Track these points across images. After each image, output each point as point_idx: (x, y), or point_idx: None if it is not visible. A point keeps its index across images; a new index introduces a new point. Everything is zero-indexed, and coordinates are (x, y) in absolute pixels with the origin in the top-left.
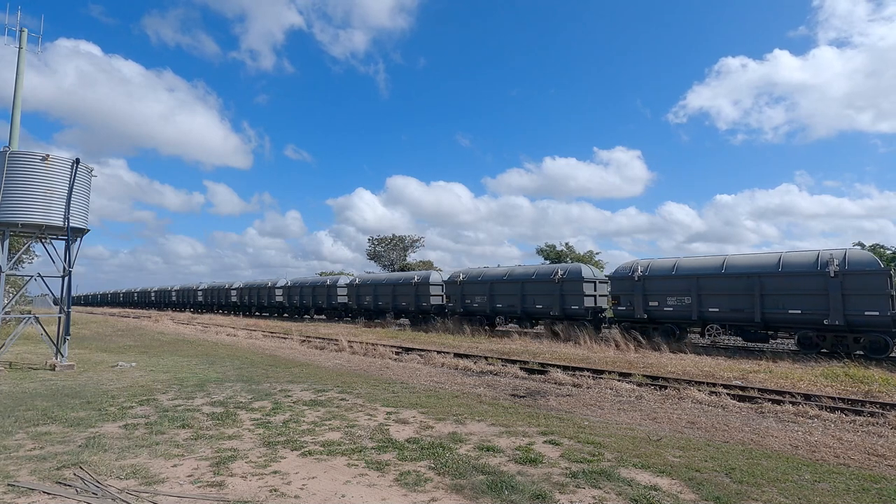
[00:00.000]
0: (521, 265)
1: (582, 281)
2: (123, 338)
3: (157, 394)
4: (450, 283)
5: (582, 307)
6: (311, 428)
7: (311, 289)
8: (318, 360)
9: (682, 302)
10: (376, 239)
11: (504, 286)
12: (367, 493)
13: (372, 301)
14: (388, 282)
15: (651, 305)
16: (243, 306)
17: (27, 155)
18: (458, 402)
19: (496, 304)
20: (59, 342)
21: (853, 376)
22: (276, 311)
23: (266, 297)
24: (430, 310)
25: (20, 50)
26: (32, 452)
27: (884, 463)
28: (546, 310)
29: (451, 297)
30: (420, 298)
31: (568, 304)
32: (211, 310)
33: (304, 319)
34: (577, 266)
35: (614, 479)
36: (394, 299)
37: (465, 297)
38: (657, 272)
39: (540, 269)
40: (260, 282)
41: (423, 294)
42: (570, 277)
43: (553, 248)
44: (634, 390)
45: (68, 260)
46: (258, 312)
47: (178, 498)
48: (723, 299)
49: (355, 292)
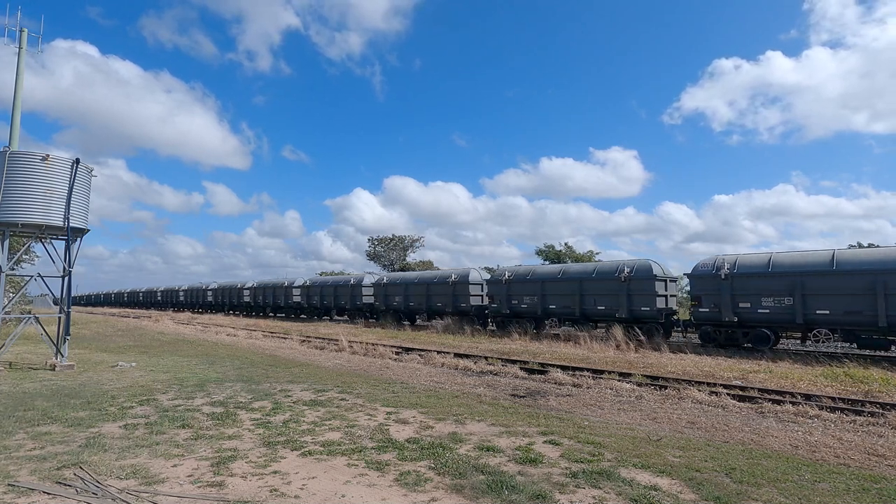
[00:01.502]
0: (585, 262)
1: (654, 279)
2: (123, 338)
3: (157, 394)
4: (493, 283)
5: (653, 308)
6: (311, 428)
7: (333, 288)
8: (318, 360)
9: (781, 303)
10: (376, 239)
11: (558, 285)
12: (367, 493)
13: (402, 302)
14: (421, 281)
15: (742, 307)
16: (257, 307)
17: (27, 155)
18: (458, 402)
19: (548, 305)
20: (59, 342)
21: (853, 376)
22: (292, 312)
23: (282, 297)
24: (470, 311)
25: (20, 50)
26: (32, 452)
27: (884, 463)
28: (610, 311)
29: (495, 298)
30: (458, 299)
31: (636, 305)
32: (222, 310)
33: (322, 321)
34: (646, 263)
35: (614, 479)
36: (427, 300)
37: (512, 298)
38: (749, 269)
39: (602, 266)
40: (275, 281)
41: (462, 294)
42: (640, 275)
43: (553, 249)
44: (634, 390)
45: (68, 260)
46: (273, 313)
47: (178, 498)
48: (834, 300)
49: (383, 292)
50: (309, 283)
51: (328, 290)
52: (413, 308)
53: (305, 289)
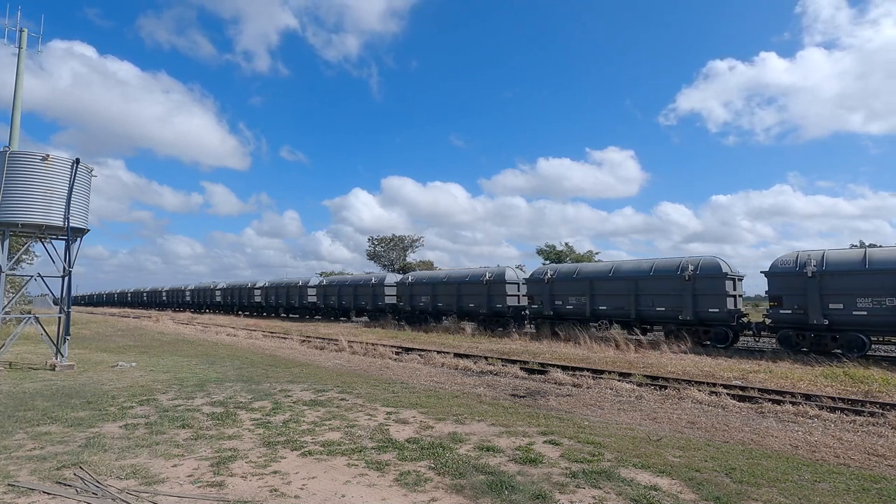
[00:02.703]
0: (640, 258)
1: (723, 277)
2: (123, 338)
3: (157, 394)
4: (534, 282)
5: (724, 310)
6: (311, 428)
7: (353, 288)
8: (318, 360)
9: (882, 304)
10: (376, 239)
11: (609, 284)
12: (367, 493)
13: (429, 302)
14: (451, 280)
15: (833, 309)
16: (268, 307)
17: (27, 155)
18: (458, 402)
19: (598, 306)
20: (59, 342)
21: (853, 376)
22: (307, 313)
23: (297, 297)
24: (507, 312)
25: (20, 50)
26: (32, 452)
27: (884, 463)
28: (671, 313)
29: (536, 298)
30: (493, 299)
31: (703, 306)
32: (231, 311)
33: (339, 321)
34: (713, 260)
35: (614, 479)
36: (458, 300)
37: (555, 298)
38: (841, 266)
39: (660, 264)
40: (288, 280)
41: (498, 294)
42: (707, 273)
43: (553, 249)
44: (634, 390)
45: (68, 260)
46: (286, 314)
47: (178, 498)
48: None
49: (408, 292)
50: (326, 282)
51: (347, 290)
52: (441, 309)
53: (322, 288)
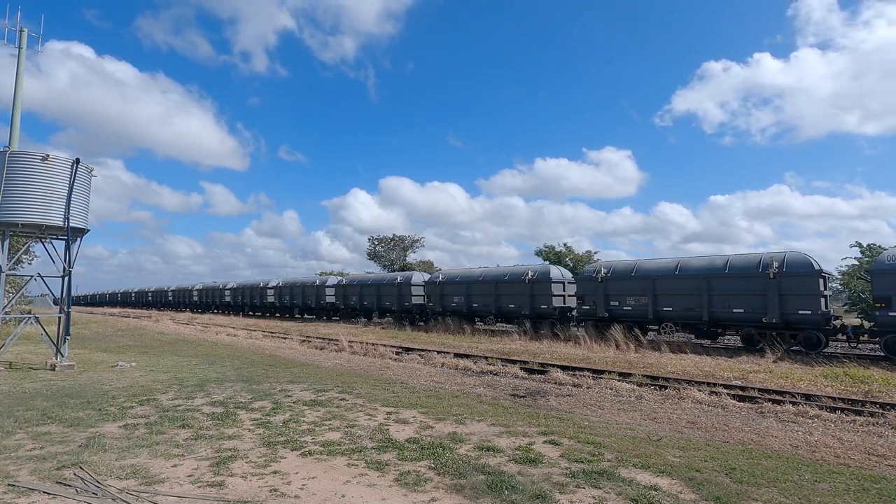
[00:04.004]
0: (711, 255)
1: (816, 275)
2: (123, 338)
3: (157, 394)
4: (585, 280)
5: (816, 311)
6: (311, 428)
7: (375, 288)
8: (318, 360)
9: None
10: (376, 239)
11: (675, 283)
12: (367, 493)
13: (463, 302)
14: (487, 279)
15: None
16: (282, 307)
17: (27, 155)
18: (458, 402)
19: (661, 307)
20: (59, 342)
21: (853, 376)
22: (325, 314)
23: (313, 297)
24: (553, 313)
25: (20, 50)
26: (32, 452)
27: (884, 463)
28: (752, 315)
29: (587, 298)
30: (536, 300)
31: (792, 307)
32: (241, 312)
33: (359, 323)
34: (802, 256)
35: (614, 479)
36: (496, 300)
37: (610, 298)
38: None
39: (737, 260)
40: (304, 280)
41: (542, 294)
42: (796, 270)
43: (552, 249)
44: (634, 390)
45: (68, 260)
46: (300, 315)
47: (178, 498)
48: None
49: (438, 292)
50: (346, 281)
51: (369, 290)
52: (477, 310)
53: (341, 288)
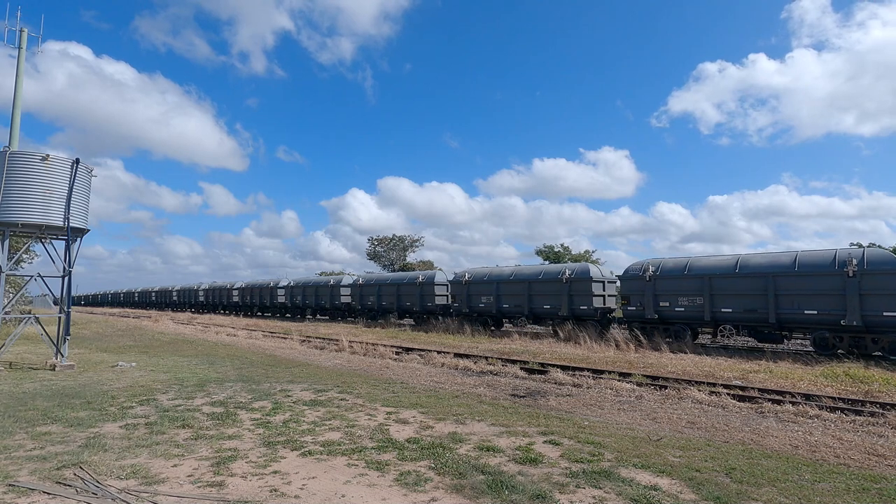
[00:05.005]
0: (772, 252)
1: None
2: (123, 338)
3: (158, 394)
4: (631, 279)
5: None
6: (311, 428)
7: (395, 287)
8: (318, 360)
9: None
10: (376, 239)
11: (735, 282)
12: (367, 493)
13: (493, 302)
14: (519, 278)
15: None
16: (294, 308)
17: (27, 155)
18: (458, 402)
19: (720, 307)
20: (59, 342)
21: (853, 376)
22: (339, 315)
23: (327, 297)
24: (593, 314)
25: (20, 50)
26: (32, 452)
27: (884, 463)
28: (828, 316)
29: (634, 298)
30: (575, 300)
31: (875, 308)
32: (250, 312)
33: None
34: (885, 253)
35: (614, 478)
36: (529, 300)
37: (660, 298)
38: None
39: (806, 257)
40: (317, 279)
41: (581, 294)
42: (880, 267)
43: (552, 249)
44: (634, 390)
45: (68, 260)
46: (313, 316)
47: (178, 498)
48: None
49: (464, 291)
50: (362, 281)
51: (388, 290)
52: (507, 310)
53: (358, 288)
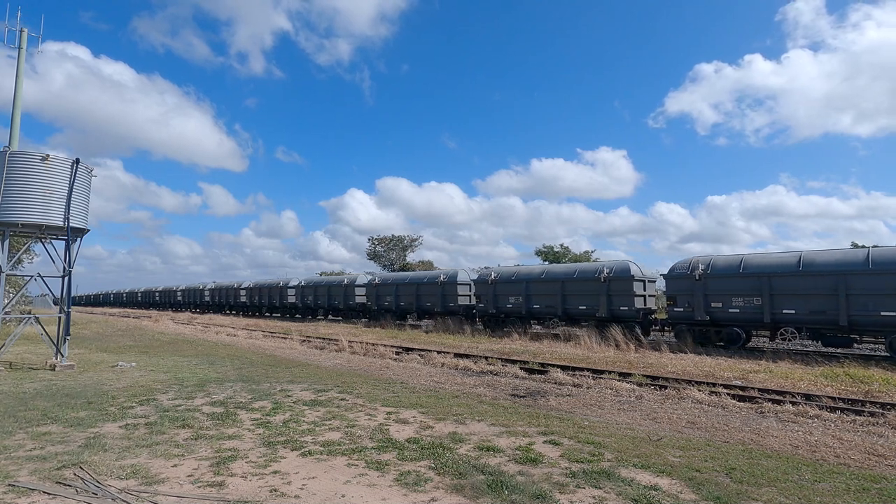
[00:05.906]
0: (841, 249)
1: None
2: (123, 338)
3: (158, 394)
4: (676, 279)
5: None
6: (311, 428)
7: (414, 287)
8: (318, 360)
9: None
10: (376, 239)
11: (797, 281)
12: (367, 493)
13: (522, 302)
14: (551, 277)
15: None
16: (305, 308)
17: (27, 155)
18: (459, 402)
19: (780, 309)
20: (59, 342)
21: (853, 376)
22: (353, 315)
23: (340, 297)
24: (635, 316)
25: (20, 50)
26: (33, 452)
27: (884, 463)
28: None
29: (680, 299)
30: (614, 300)
31: None
32: (258, 313)
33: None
34: None
35: (614, 478)
36: (563, 300)
37: (711, 299)
38: None
39: (880, 254)
40: (329, 279)
41: (621, 294)
42: None
43: (551, 249)
44: (634, 390)
45: (68, 260)
46: (325, 316)
47: (178, 498)
48: None
49: (490, 291)
50: (379, 280)
51: (406, 290)
52: (538, 311)
53: (373, 287)
